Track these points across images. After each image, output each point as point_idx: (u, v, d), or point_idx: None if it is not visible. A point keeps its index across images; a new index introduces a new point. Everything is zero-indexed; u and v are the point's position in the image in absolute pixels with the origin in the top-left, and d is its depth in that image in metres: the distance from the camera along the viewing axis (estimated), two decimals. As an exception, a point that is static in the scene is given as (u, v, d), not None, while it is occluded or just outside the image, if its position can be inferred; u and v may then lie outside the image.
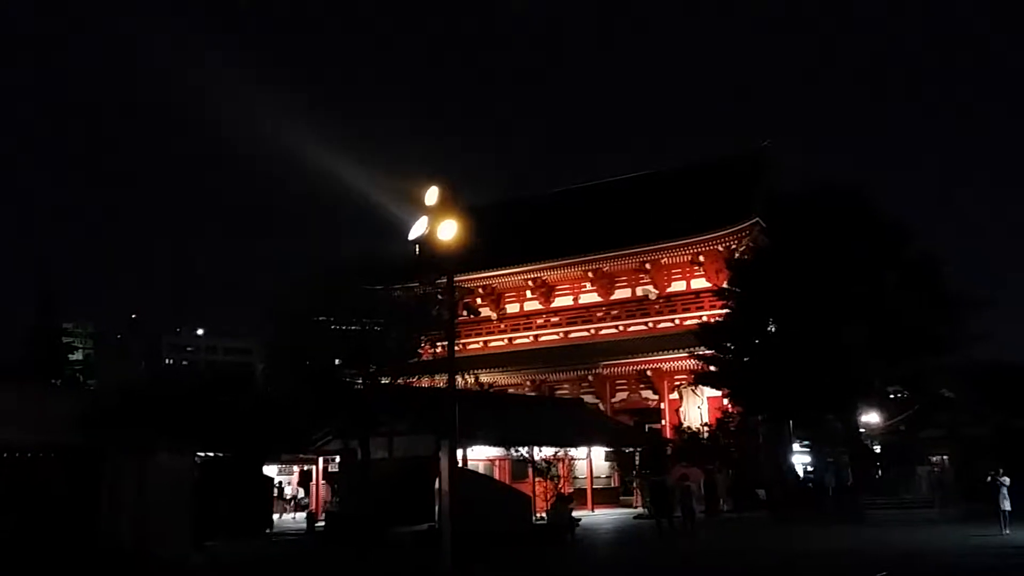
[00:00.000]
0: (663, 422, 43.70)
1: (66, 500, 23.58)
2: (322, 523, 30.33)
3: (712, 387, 38.51)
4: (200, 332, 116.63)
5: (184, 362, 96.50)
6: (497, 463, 36.92)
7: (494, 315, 51.24)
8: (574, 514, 27.07)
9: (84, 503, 23.78)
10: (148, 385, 33.37)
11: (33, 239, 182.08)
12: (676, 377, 43.25)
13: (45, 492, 23.45)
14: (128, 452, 24.41)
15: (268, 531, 28.92)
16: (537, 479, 32.17)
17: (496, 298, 51.21)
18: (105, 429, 25.07)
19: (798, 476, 39.67)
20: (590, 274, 48.70)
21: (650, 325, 46.91)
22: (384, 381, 29.54)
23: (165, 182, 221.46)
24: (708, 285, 44.79)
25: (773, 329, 34.40)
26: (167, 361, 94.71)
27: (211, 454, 28.39)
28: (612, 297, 49.14)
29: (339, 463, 33.65)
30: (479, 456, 35.08)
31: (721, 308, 37.87)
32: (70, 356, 54.40)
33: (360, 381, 29.45)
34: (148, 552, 21.65)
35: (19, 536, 22.22)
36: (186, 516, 23.91)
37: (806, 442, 41.00)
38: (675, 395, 43.34)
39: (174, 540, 22.85)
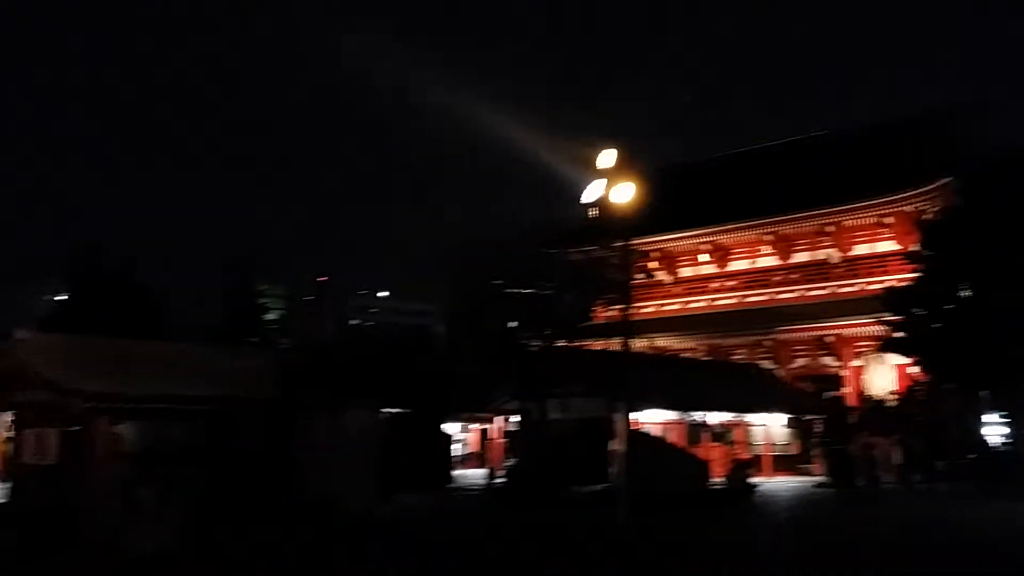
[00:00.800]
0: (844, 389, 42.38)
1: (262, 454, 25.21)
2: (500, 480, 31.16)
3: (899, 354, 36.96)
4: (383, 294, 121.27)
5: (369, 323, 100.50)
6: (671, 427, 36.80)
7: (668, 279, 50.83)
8: (751, 480, 26.74)
9: (278, 456, 25.36)
10: (336, 345, 35.07)
11: (232, 206, 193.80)
12: (859, 343, 41.78)
13: (242, 446, 25.14)
14: (319, 408, 25.83)
15: (448, 486, 29.93)
16: (713, 444, 31.90)
17: (670, 262, 50.77)
18: (297, 386, 26.62)
19: (989, 448, 37.64)
20: (768, 237, 47.52)
21: (831, 289, 45.42)
22: (559, 344, 29.96)
23: (349, 150, 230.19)
24: (894, 248, 42.87)
25: (967, 294, 32.63)
26: (353, 322, 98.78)
27: (395, 411, 29.59)
28: (791, 260, 47.81)
29: (516, 423, 34.42)
30: (653, 420, 35.08)
31: (909, 272, 36.20)
32: (265, 317, 57.70)
33: (536, 344, 29.98)
34: (338, 503, 22.87)
35: (219, 487, 23.96)
36: (373, 470, 25.10)
37: (1003, 413, 38.79)
38: (857, 362, 41.90)
39: (362, 493, 24.04)
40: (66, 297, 51.13)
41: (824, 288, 45.80)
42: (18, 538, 9.73)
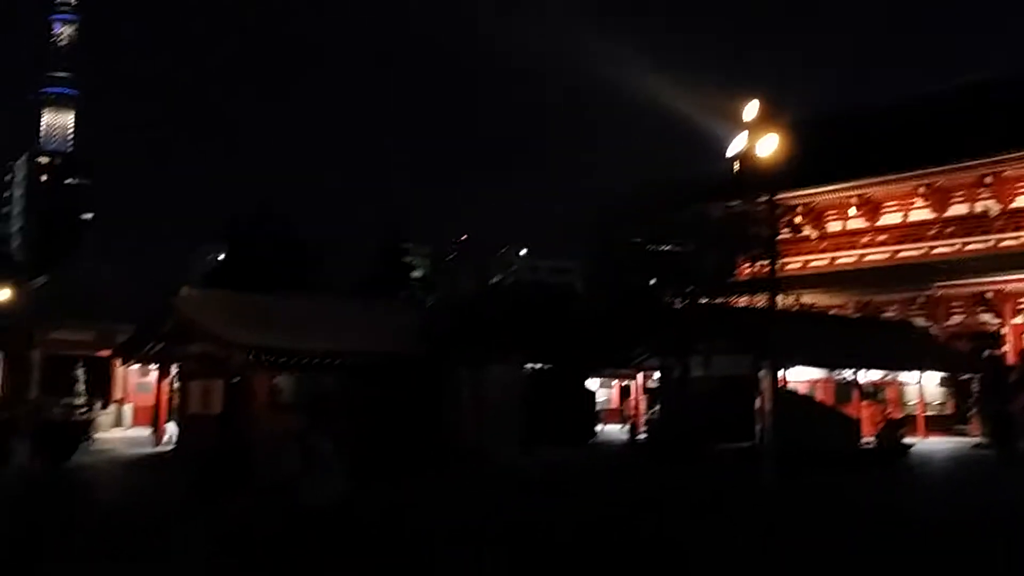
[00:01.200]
0: (1004, 347, 40.34)
1: (412, 405, 26.08)
2: (642, 436, 31.22)
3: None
4: (523, 252, 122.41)
5: (509, 280, 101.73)
6: (819, 386, 35.92)
7: (815, 234, 49.31)
8: (905, 440, 25.95)
9: (427, 408, 26.19)
10: (479, 301, 35.65)
11: (384, 168, 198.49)
12: (1021, 300, 39.67)
13: (394, 397, 26.07)
14: (465, 363, 26.50)
15: (591, 441, 30.20)
16: (863, 403, 31.02)
17: (817, 216, 49.20)
18: (444, 342, 27.34)
19: None
20: (921, 189, 45.38)
21: (992, 243, 43.12)
22: (702, 301, 29.60)
23: (489, 109, 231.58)
24: (1061, 199, 40.34)
25: None
26: (494, 279, 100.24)
27: (538, 367, 29.98)
28: (947, 213, 45.57)
29: (658, 379, 34.31)
30: (800, 377, 34.32)
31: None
32: (411, 274, 59.22)
33: (678, 300, 29.71)
34: (485, 453, 23.46)
35: (373, 436, 24.93)
36: (517, 423, 25.63)
37: None
38: (1019, 319, 39.81)
39: (507, 446, 24.59)
40: (227, 256, 53.79)
41: (984, 242, 43.50)
42: (191, 482, 10.33)
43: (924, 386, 37.03)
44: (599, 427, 33.75)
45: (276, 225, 49.77)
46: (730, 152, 20.89)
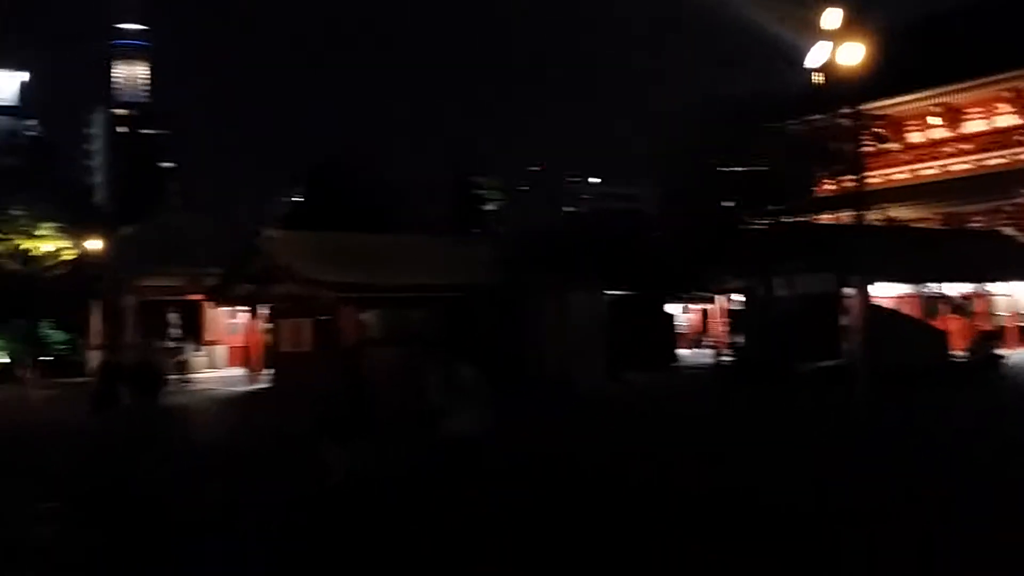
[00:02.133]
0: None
1: (492, 334, 26.40)
2: (726, 359, 31.14)
3: None
4: (596, 180, 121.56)
5: (582, 209, 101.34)
6: (907, 301, 35.27)
7: (897, 145, 47.90)
8: (997, 351, 25.44)
9: (509, 337, 26.48)
10: (555, 230, 35.65)
11: (453, 103, 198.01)
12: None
13: (474, 326, 26.41)
14: (546, 291, 26.65)
15: (673, 365, 30.25)
16: (952, 317, 30.41)
17: (898, 127, 47.73)
18: (524, 272, 27.49)
19: None
20: (1006, 94, 43.67)
21: (1085, 147, 41.44)
22: (783, 220, 29.16)
23: (551, 33, 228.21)
24: None
25: None
26: (567, 208, 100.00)
27: (618, 293, 29.99)
28: (1037, 118, 43.81)
29: (740, 301, 34.06)
30: (886, 293, 33.71)
31: None
32: (484, 208, 59.51)
33: (758, 220, 29.32)
34: (570, 381, 23.71)
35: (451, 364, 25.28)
36: (600, 349, 25.77)
37: None
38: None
39: (591, 371, 24.80)
40: (306, 197, 54.65)
41: (1077, 146, 41.88)
42: (316, 420, 10.45)
43: (1015, 297, 36.10)
44: (682, 351, 33.71)
45: (351, 166, 50.29)
46: (810, 63, 20.32)
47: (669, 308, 34.04)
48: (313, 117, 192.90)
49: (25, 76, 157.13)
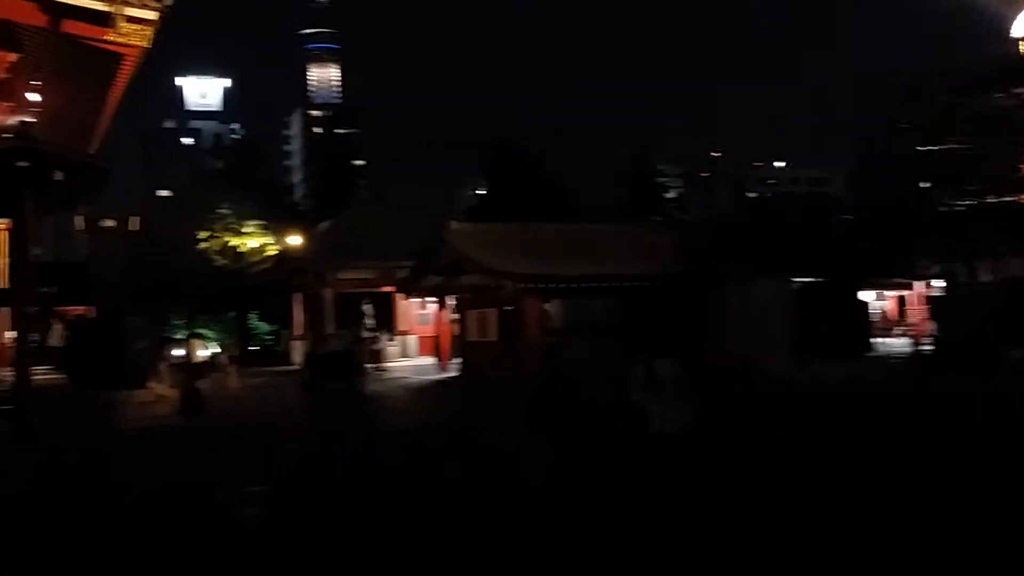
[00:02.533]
0: None
1: (674, 321, 26.17)
2: (925, 347, 29.68)
3: None
4: (781, 164, 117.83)
5: (768, 195, 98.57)
6: None
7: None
8: None
9: (691, 324, 26.17)
10: (740, 217, 34.94)
11: (631, 89, 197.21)
12: None
13: (656, 314, 26.27)
14: (731, 280, 26.18)
15: (868, 354, 29.08)
16: None
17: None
18: (706, 260, 27.11)
19: None
20: None
21: None
22: (987, 201, 27.52)
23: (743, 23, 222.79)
24: None
25: None
26: (751, 195, 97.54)
27: (807, 280, 29.10)
28: None
29: (940, 287, 32.38)
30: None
31: None
32: (665, 195, 58.86)
33: (959, 203, 27.80)
34: (757, 369, 23.21)
35: (633, 352, 25.23)
36: (788, 337, 25.06)
37: None
38: None
39: (779, 359, 24.17)
40: (487, 189, 55.81)
41: None
42: (528, 410, 10.49)
43: None
44: (877, 340, 32.34)
45: (533, 155, 50.93)
46: (1016, 32, 19.08)
47: (862, 295, 32.73)
48: (496, 107, 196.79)
49: (228, 83, 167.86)
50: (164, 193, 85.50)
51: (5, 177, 14.13)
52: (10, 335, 18.63)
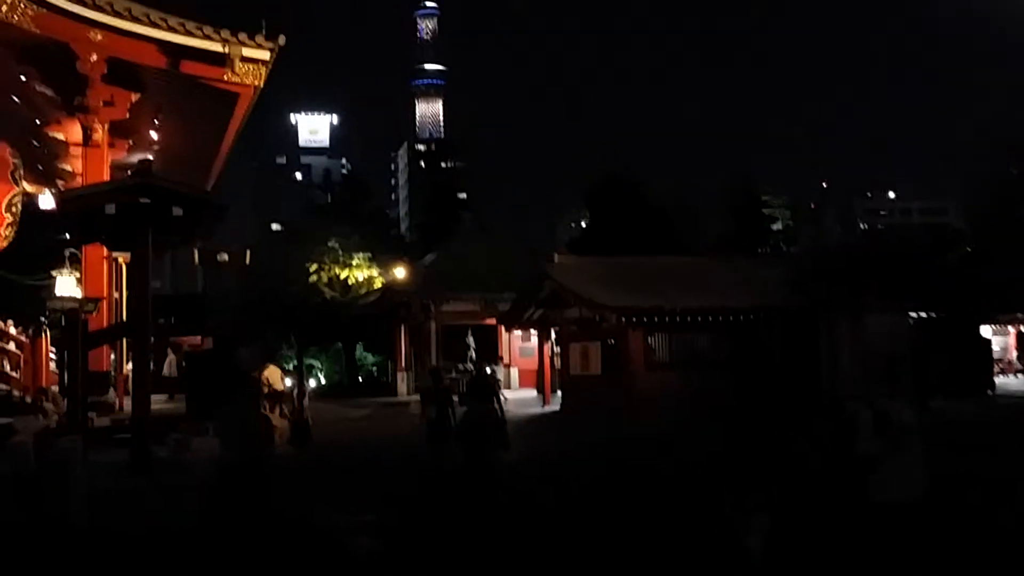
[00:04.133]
0: None
1: (783, 356, 25.51)
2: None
3: None
4: (891, 195, 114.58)
5: (879, 226, 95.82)
6: None
7: None
8: None
9: (800, 359, 25.47)
10: (852, 249, 34.00)
11: (734, 120, 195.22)
12: None
13: (763, 349, 25.66)
14: (842, 314, 25.40)
15: (989, 393, 27.82)
16: None
17: None
18: (816, 293, 26.38)
19: None
20: None
21: None
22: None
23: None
24: None
25: None
26: (862, 226, 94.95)
27: (922, 314, 28.08)
28: None
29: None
30: None
31: None
32: (771, 226, 57.74)
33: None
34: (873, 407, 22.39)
35: (740, 388, 24.67)
36: (905, 374, 24.15)
37: None
38: None
39: (895, 397, 23.28)
40: (589, 221, 55.71)
41: None
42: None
43: None
44: (999, 378, 30.95)
45: (634, 185, 50.62)
46: None
47: (983, 331, 31.37)
48: (597, 137, 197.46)
49: (336, 119, 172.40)
50: (276, 227, 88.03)
51: (127, 213, 14.68)
52: (128, 366, 19.32)
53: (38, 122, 21.52)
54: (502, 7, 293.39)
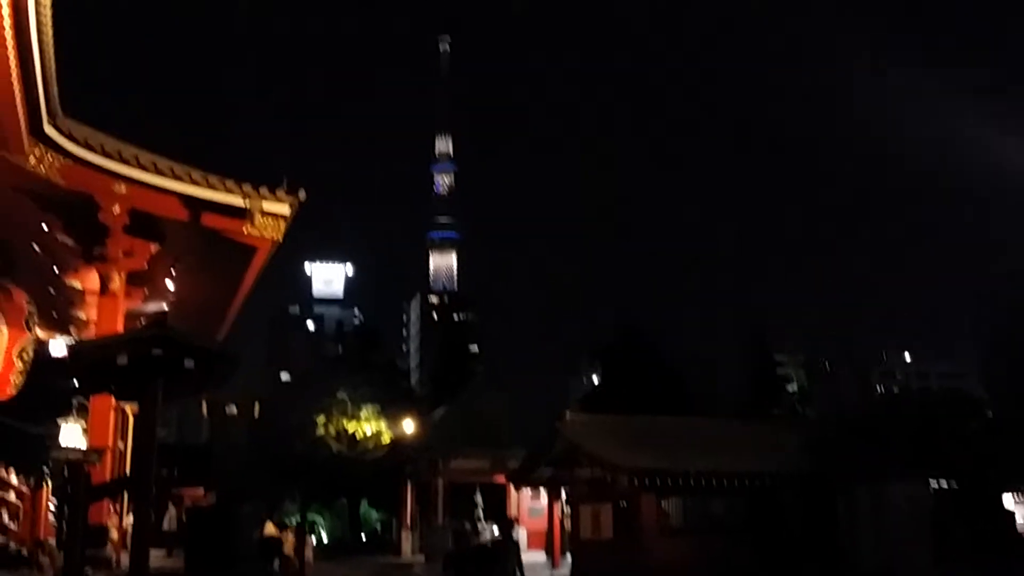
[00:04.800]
0: None
1: (800, 523, 24.76)
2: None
3: None
4: (907, 358, 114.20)
5: (895, 389, 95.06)
6: None
7: None
8: None
9: (818, 527, 24.71)
10: (869, 413, 33.55)
11: (750, 274, 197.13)
12: None
13: (780, 516, 24.93)
14: (859, 479, 24.77)
15: (1015, 565, 26.77)
16: None
17: None
18: (834, 459, 25.84)
19: None
20: None
21: None
22: None
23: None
24: None
25: None
26: (878, 388, 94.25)
27: (943, 483, 27.41)
28: None
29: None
30: None
31: None
32: (786, 387, 57.26)
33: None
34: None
35: (756, 556, 23.86)
36: (926, 546, 23.40)
37: None
38: None
39: (916, 567, 22.50)
40: (600, 378, 55.37)
41: None
42: None
43: None
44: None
45: (643, 345, 50.53)
46: None
47: (1006, 500, 30.48)
48: (608, 293, 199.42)
49: (350, 269, 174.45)
50: (285, 376, 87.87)
51: (139, 364, 14.52)
52: (128, 519, 18.78)
53: (56, 270, 21.65)
54: (518, 162, 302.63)
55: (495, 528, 31.29)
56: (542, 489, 33.10)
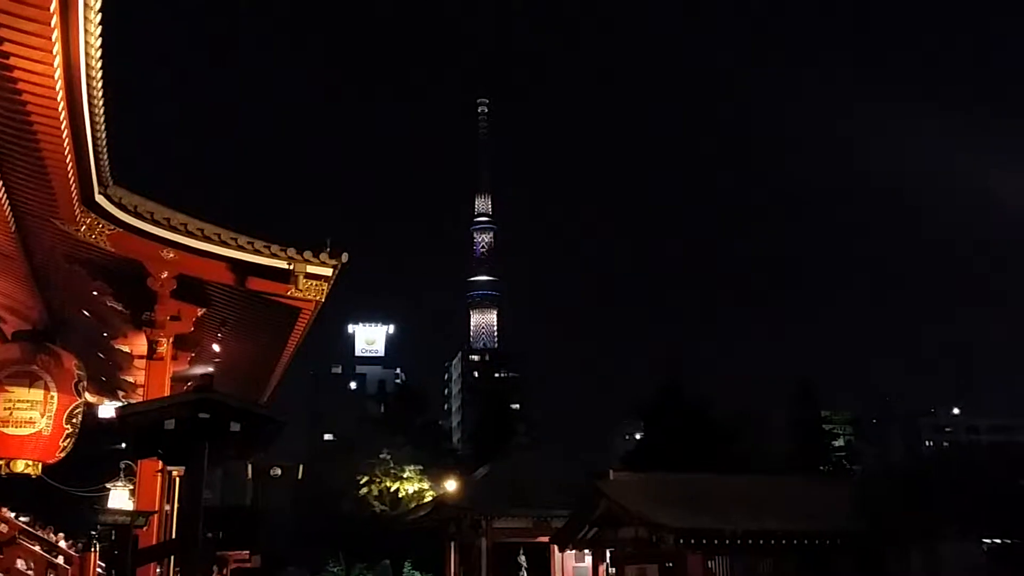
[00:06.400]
0: None
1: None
2: None
3: None
4: (956, 411, 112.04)
5: (944, 443, 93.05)
6: None
7: None
8: None
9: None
10: (920, 470, 32.87)
11: (795, 329, 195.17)
12: None
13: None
14: (912, 539, 24.25)
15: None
16: None
17: None
18: (881, 515, 25.32)
19: None
20: None
21: None
22: None
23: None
24: None
25: None
26: (927, 443, 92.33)
27: (996, 540, 26.71)
28: None
29: None
30: None
31: None
32: (832, 443, 56.24)
33: None
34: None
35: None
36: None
37: None
38: None
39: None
40: (644, 435, 54.84)
41: None
42: None
43: None
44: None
45: (686, 402, 50.05)
46: None
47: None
48: (653, 351, 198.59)
49: (391, 328, 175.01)
50: (328, 436, 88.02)
51: (185, 428, 14.71)
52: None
53: (105, 335, 22.08)
54: (559, 221, 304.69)
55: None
56: (586, 550, 32.71)
